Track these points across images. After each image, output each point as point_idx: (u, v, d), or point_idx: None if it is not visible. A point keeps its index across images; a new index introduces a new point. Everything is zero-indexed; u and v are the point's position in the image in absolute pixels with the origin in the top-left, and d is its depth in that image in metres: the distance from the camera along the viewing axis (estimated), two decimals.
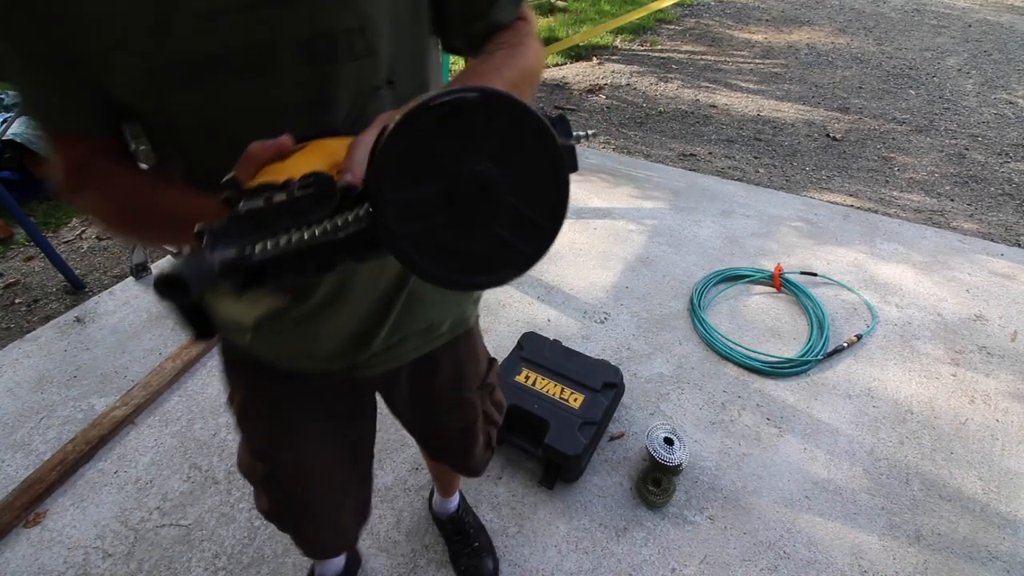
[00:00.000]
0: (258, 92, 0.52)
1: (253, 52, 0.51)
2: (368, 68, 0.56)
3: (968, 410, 1.81)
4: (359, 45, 0.54)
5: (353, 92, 0.56)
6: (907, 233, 2.64)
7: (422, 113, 0.34)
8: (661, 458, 1.49)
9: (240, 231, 0.35)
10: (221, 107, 0.52)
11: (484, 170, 0.36)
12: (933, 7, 6.41)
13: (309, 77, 0.53)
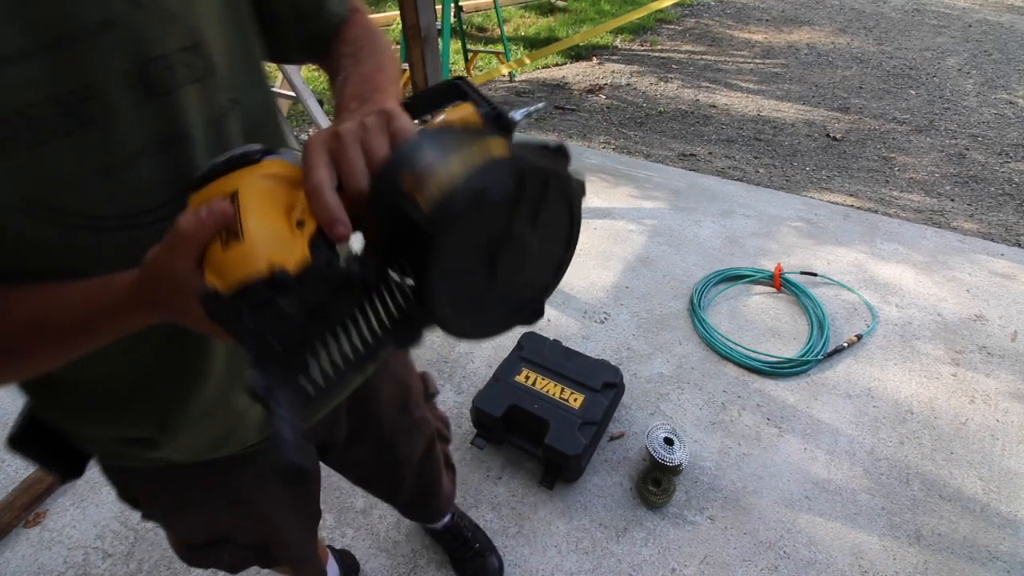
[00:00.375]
0: (93, 147, 0.43)
1: (72, 100, 0.41)
2: (212, 88, 0.49)
3: (968, 410, 1.81)
4: (197, 64, 0.48)
5: (204, 117, 0.49)
6: (907, 233, 2.64)
7: (469, 207, 0.32)
8: (661, 458, 1.49)
9: (280, 365, 0.33)
10: (47, 180, 0.41)
11: (521, 233, 0.37)
12: (933, 7, 6.41)
13: (153, 112, 0.45)
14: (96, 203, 0.44)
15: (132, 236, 0.47)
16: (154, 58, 0.44)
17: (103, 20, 0.41)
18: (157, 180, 0.47)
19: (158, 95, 0.45)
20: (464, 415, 1.76)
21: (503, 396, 1.60)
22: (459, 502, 1.55)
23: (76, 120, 0.41)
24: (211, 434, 0.63)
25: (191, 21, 0.47)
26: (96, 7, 0.40)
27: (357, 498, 1.55)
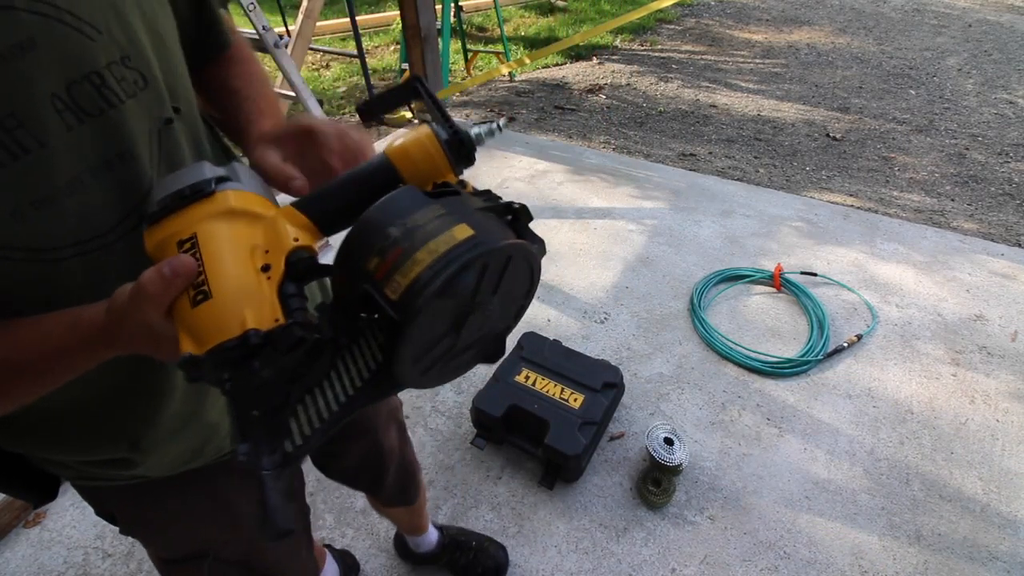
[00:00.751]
0: (30, 178, 0.40)
1: (0, 132, 0.38)
2: (149, 100, 0.47)
3: (968, 410, 1.81)
4: (129, 77, 0.45)
5: (146, 131, 0.47)
6: (907, 233, 2.63)
7: (434, 298, 0.34)
8: (661, 458, 1.49)
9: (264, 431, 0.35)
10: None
11: (484, 301, 0.39)
12: (933, 7, 6.41)
13: (89, 134, 0.43)
14: (41, 235, 0.42)
15: (88, 263, 0.45)
16: (84, 76, 0.41)
17: (20, 41, 0.38)
18: (104, 203, 0.45)
19: (92, 115, 0.42)
20: (464, 415, 1.76)
21: (503, 396, 1.60)
22: (459, 502, 1.55)
23: (7, 152, 0.39)
24: (184, 447, 0.62)
25: (117, 32, 0.44)
26: (9, 28, 0.37)
27: (357, 498, 1.55)
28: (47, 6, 0.39)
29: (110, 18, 0.43)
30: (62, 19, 0.40)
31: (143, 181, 0.47)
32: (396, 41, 5.05)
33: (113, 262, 0.46)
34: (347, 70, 4.52)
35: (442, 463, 1.64)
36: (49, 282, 0.44)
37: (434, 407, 1.80)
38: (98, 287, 0.45)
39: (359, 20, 3.81)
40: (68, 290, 0.45)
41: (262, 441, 0.34)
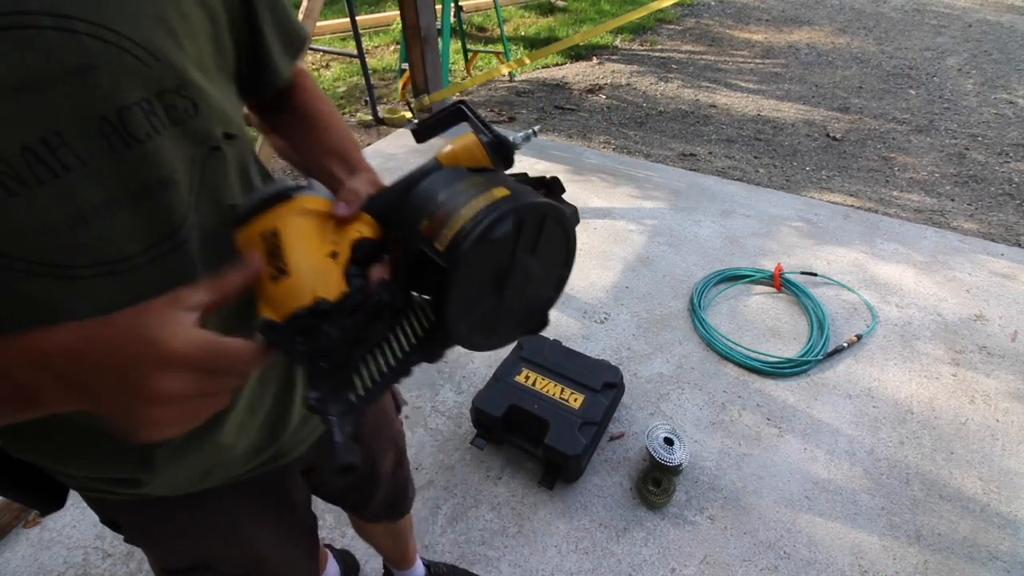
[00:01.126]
0: (65, 196, 0.40)
1: (43, 149, 0.38)
2: (196, 128, 0.47)
3: (968, 410, 1.81)
4: (180, 105, 0.45)
5: (188, 159, 0.47)
6: (907, 233, 2.64)
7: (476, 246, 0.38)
8: (661, 458, 1.49)
9: (331, 383, 0.39)
10: (11, 231, 0.39)
11: (524, 260, 0.42)
12: (933, 7, 6.41)
13: (132, 159, 0.43)
14: (66, 253, 0.42)
15: (106, 284, 0.45)
16: (134, 103, 0.42)
17: (81, 64, 0.38)
18: (134, 227, 0.45)
19: (140, 141, 0.43)
20: (464, 415, 1.76)
21: (503, 396, 1.60)
22: (459, 502, 1.55)
23: (48, 170, 0.39)
24: (194, 469, 0.61)
25: (174, 58, 0.44)
26: (71, 50, 0.38)
27: None
28: (109, 32, 0.39)
29: (169, 47, 0.43)
30: (122, 45, 0.40)
31: (179, 209, 0.47)
32: (396, 41, 5.05)
33: (142, 284, 0.46)
34: (347, 70, 4.52)
35: (442, 463, 1.64)
36: (56, 301, 0.43)
37: (434, 407, 1.80)
38: (106, 312, 0.44)
39: (359, 20, 3.81)
40: (72, 311, 0.43)
41: (329, 391, 0.39)
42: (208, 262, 0.50)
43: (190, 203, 0.48)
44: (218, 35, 0.50)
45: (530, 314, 0.48)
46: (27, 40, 0.36)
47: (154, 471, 0.57)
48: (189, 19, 0.46)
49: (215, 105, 0.49)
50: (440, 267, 0.38)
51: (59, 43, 0.37)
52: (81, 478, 0.59)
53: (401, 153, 3.26)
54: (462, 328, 0.42)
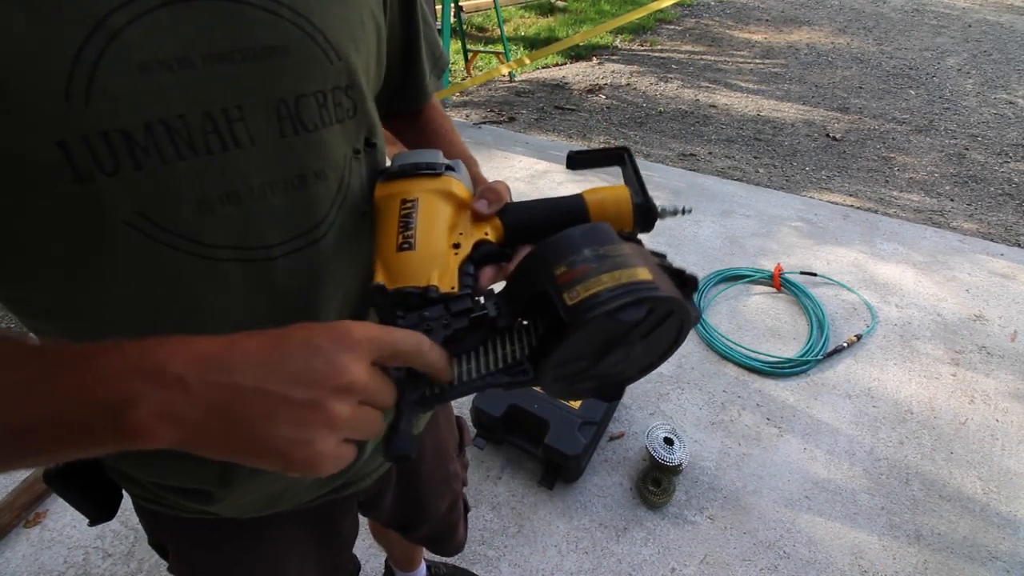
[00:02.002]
0: (229, 171, 0.40)
1: (222, 120, 0.39)
2: (352, 129, 0.48)
3: (968, 410, 1.81)
4: (346, 104, 0.47)
5: (340, 158, 0.48)
6: (907, 233, 2.64)
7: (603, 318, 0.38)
8: (661, 458, 1.49)
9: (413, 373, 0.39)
10: (169, 198, 0.39)
11: (633, 342, 0.42)
12: (933, 7, 6.41)
13: (298, 147, 0.43)
14: (213, 230, 0.41)
15: (248, 270, 0.44)
16: (312, 93, 0.43)
17: (274, 45, 0.40)
18: (284, 215, 0.44)
19: (308, 130, 0.44)
20: (464, 415, 1.76)
21: (503, 396, 1.60)
22: None
23: (220, 142, 0.39)
24: (268, 491, 0.59)
25: (352, 60, 0.45)
26: (271, 31, 0.39)
27: None
28: (307, 22, 0.41)
29: (349, 48, 0.45)
30: (315, 38, 0.42)
31: (324, 204, 0.47)
32: None
33: (270, 278, 0.45)
34: None
35: None
36: (204, 282, 0.43)
37: None
38: (248, 299, 0.45)
39: None
40: (200, 295, 0.43)
41: (409, 379, 0.39)
42: (337, 265, 0.50)
43: (336, 200, 0.48)
44: (379, 52, 0.52)
45: (609, 383, 0.49)
46: (234, 12, 0.37)
47: (232, 485, 0.54)
48: (365, 30, 0.48)
49: (368, 112, 0.50)
50: (560, 319, 0.38)
51: (263, 22, 0.39)
52: (147, 484, 0.56)
53: None
54: (549, 374, 0.42)
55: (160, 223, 0.39)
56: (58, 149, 0.33)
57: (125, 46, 0.34)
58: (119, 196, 0.37)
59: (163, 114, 0.36)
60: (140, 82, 0.35)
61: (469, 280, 0.44)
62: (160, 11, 0.35)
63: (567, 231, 0.42)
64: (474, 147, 3.30)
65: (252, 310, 0.45)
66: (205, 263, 0.42)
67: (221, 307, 0.44)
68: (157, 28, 0.35)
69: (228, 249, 0.42)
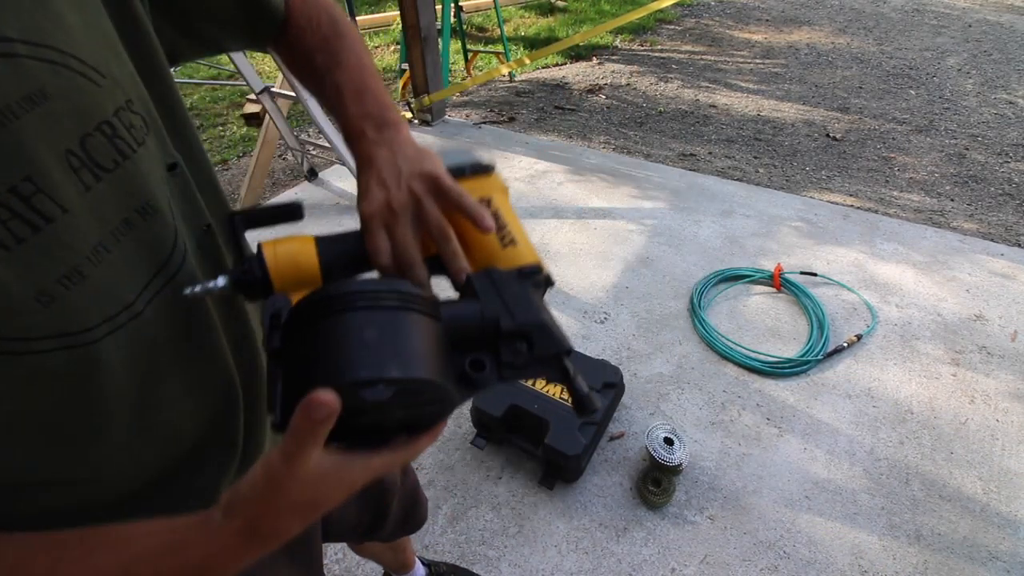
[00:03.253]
0: (54, 248, 0.34)
1: (16, 200, 0.32)
2: (155, 145, 0.42)
3: (968, 410, 1.81)
4: (136, 122, 0.40)
5: (160, 179, 0.42)
6: (907, 233, 2.64)
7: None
8: (661, 458, 1.49)
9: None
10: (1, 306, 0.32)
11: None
12: (933, 7, 6.41)
13: (108, 190, 0.37)
14: (71, 315, 0.36)
15: (119, 339, 0.39)
16: (96, 127, 0.37)
17: (30, 93, 0.33)
18: (128, 266, 0.40)
19: (108, 170, 0.38)
20: (464, 415, 1.76)
21: (503, 396, 1.60)
22: (459, 502, 1.55)
23: (27, 225, 0.33)
24: None
25: (117, 73, 0.39)
26: (22, 79, 0.32)
27: None
28: (51, 51, 0.34)
29: (110, 58, 0.38)
30: (68, 64, 0.35)
31: (167, 234, 0.42)
32: (396, 41, 5.05)
33: (144, 334, 0.41)
34: None
35: (442, 463, 1.64)
36: (85, 376, 0.37)
37: None
38: (132, 367, 0.40)
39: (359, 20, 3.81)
40: (104, 383, 0.39)
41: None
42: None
43: (174, 226, 0.43)
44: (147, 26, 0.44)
45: None
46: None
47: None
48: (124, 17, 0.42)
49: (165, 122, 0.44)
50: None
51: (6, 72, 0.32)
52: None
53: None
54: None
55: (7, 334, 0.33)
56: None
57: None
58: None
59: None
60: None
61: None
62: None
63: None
64: (474, 147, 3.30)
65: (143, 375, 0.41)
66: (80, 352, 0.37)
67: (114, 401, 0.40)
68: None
69: (98, 327, 0.37)
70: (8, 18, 0.32)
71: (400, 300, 0.36)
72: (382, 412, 0.35)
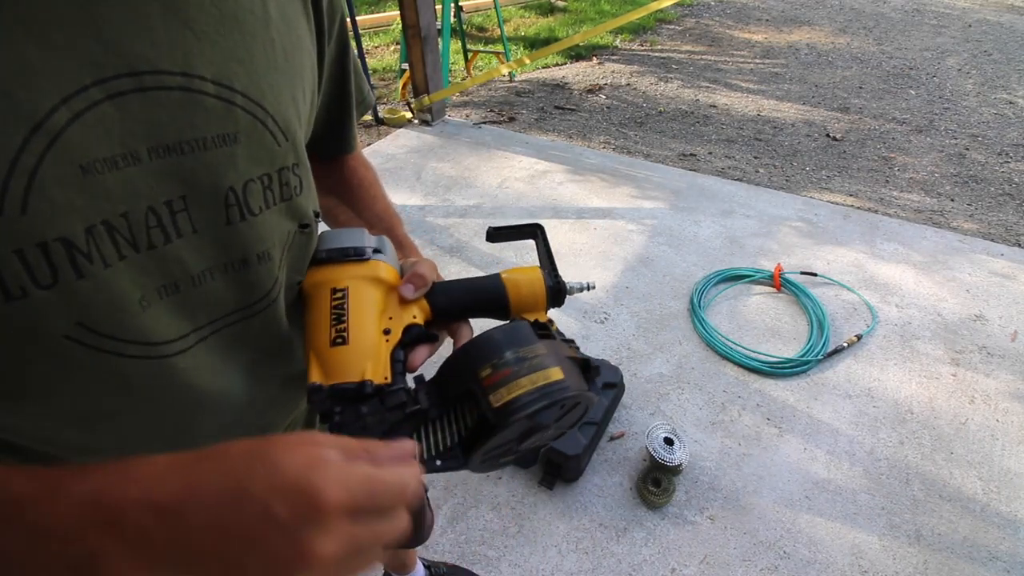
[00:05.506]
0: (172, 260, 0.38)
1: (166, 212, 0.37)
2: (298, 206, 0.47)
3: (968, 410, 1.81)
4: (293, 182, 0.45)
5: (287, 234, 0.46)
6: (907, 233, 2.64)
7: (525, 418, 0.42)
8: (661, 458, 1.49)
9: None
10: (113, 302, 0.36)
11: (548, 427, 0.46)
12: (933, 7, 6.41)
13: (236, 233, 0.41)
14: (157, 327, 0.39)
15: (186, 359, 0.42)
16: (258, 177, 0.41)
17: (227, 134, 0.38)
18: (222, 298, 0.43)
19: (252, 214, 0.42)
20: None
21: None
22: (459, 502, 1.55)
23: (163, 235, 0.37)
24: None
25: (298, 138, 0.45)
26: (224, 120, 0.38)
27: None
28: (258, 108, 0.40)
29: (295, 127, 0.44)
30: (266, 123, 0.40)
31: (266, 283, 0.46)
32: (396, 41, 5.05)
33: (212, 359, 0.45)
34: None
35: None
36: (154, 382, 0.40)
37: None
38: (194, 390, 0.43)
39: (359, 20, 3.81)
40: (155, 396, 0.42)
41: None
42: (274, 336, 0.49)
43: (279, 278, 0.47)
44: (311, 113, 0.50)
45: (526, 455, 0.53)
46: (188, 102, 0.35)
47: None
48: (306, 97, 0.47)
49: (311, 183, 0.49)
50: (487, 420, 0.42)
51: (216, 111, 0.37)
52: None
53: (401, 153, 3.26)
54: (478, 462, 0.45)
55: (104, 331, 0.36)
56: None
57: (68, 147, 0.31)
58: (56, 310, 0.33)
59: (106, 215, 0.33)
60: (83, 184, 0.32)
61: (400, 367, 0.46)
62: (105, 104, 0.32)
63: (490, 332, 0.46)
64: (474, 147, 3.30)
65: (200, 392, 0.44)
66: (154, 363, 0.40)
67: (171, 403, 0.43)
68: (103, 123, 0.32)
69: (174, 342, 0.40)
70: (238, 73, 0.38)
71: None
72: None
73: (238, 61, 0.38)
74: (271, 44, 0.41)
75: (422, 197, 2.85)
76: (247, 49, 0.39)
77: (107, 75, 0.32)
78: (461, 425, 0.45)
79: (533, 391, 0.42)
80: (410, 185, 2.94)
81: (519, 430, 0.44)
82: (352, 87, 0.59)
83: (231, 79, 0.37)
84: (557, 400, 0.42)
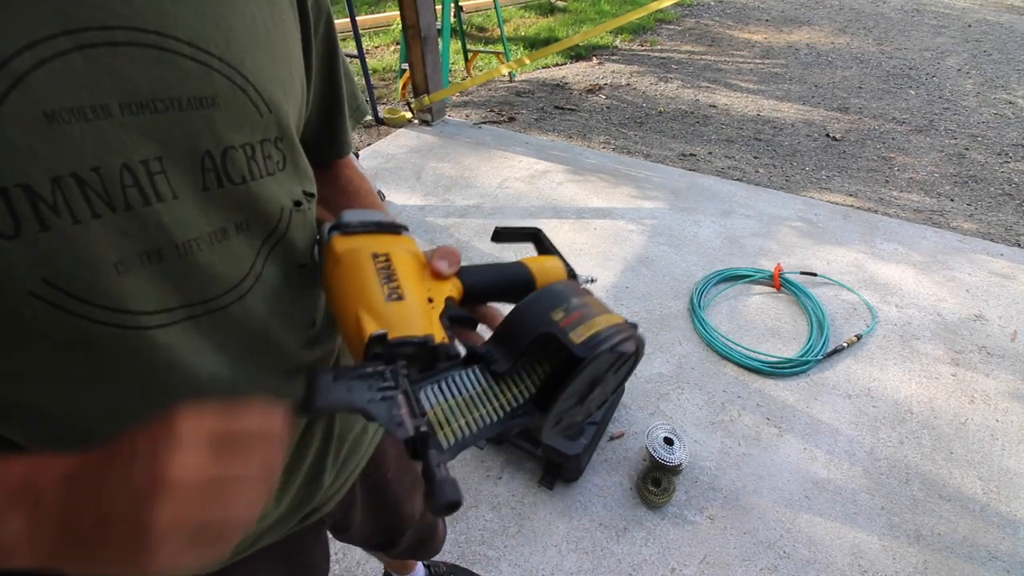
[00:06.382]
0: (150, 225, 0.37)
1: (143, 171, 0.36)
2: (286, 181, 0.47)
3: (968, 410, 1.81)
4: (276, 156, 0.45)
5: (279, 209, 0.46)
6: (907, 233, 2.64)
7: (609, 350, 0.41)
8: (661, 458, 1.49)
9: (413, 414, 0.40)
10: (82, 261, 0.35)
11: (606, 377, 0.46)
12: (933, 7, 6.41)
13: (214, 200, 0.41)
14: (135, 295, 0.38)
15: (167, 334, 0.41)
16: (239, 145, 0.41)
17: (202, 96, 0.38)
18: (205, 272, 0.42)
19: (232, 183, 0.41)
20: None
21: None
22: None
23: (141, 196, 0.36)
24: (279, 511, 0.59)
25: (283, 111, 0.44)
26: (200, 81, 0.37)
27: None
28: (237, 74, 0.39)
29: (280, 100, 0.44)
30: (246, 91, 0.40)
31: (248, 257, 0.45)
32: (396, 41, 5.05)
33: (196, 338, 0.43)
34: None
35: None
36: (128, 353, 0.39)
37: None
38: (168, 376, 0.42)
39: (359, 20, 3.81)
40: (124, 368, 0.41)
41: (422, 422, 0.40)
42: (261, 319, 0.48)
43: (262, 252, 0.47)
44: (302, 104, 0.51)
45: (572, 426, 0.53)
46: (162, 60, 0.35)
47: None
48: (293, 82, 0.47)
49: (300, 163, 0.49)
50: (573, 356, 0.41)
51: (192, 72, 0.37)
52: None
53: (401, 153, 3.26)
54: (555, 413, 0.44)
55: (74, 292, 0.35)
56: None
57: (30, 91, 0.31)
58: (20, 261, 0.33)
59: (75, 167, 0.33)
60: (47, 131, 0.32)
61: (451, 332, 0.45)
62: (74, 54, 0.32)
63: (553, 285, 0.46)
64: (474, 147, 3.30)
65: (186, 372, 0.43)
66: (130, 334, 0.39)
67: (152, 380, 0.42)
68: (70, 73, 0.32)
69: (155, 314, 0.40)
70: (216, 39, 0.38)
71: None
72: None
73: (215, 27, 0.38)
74: (251, 18, 0.41)
75: (422, 197, 2.85)
76: (225, 18, 0.39)
77: (77, 26, 0.32)
78: (536, 377, 0.44)
79: (609, 328, 0.42)
80: (410, 185, 2.95)
81: (594, 371, 0.43)
82: (343, 86, 0.59)
83: (207, 43, 0.37)
84: (632, 335, 0.43)
